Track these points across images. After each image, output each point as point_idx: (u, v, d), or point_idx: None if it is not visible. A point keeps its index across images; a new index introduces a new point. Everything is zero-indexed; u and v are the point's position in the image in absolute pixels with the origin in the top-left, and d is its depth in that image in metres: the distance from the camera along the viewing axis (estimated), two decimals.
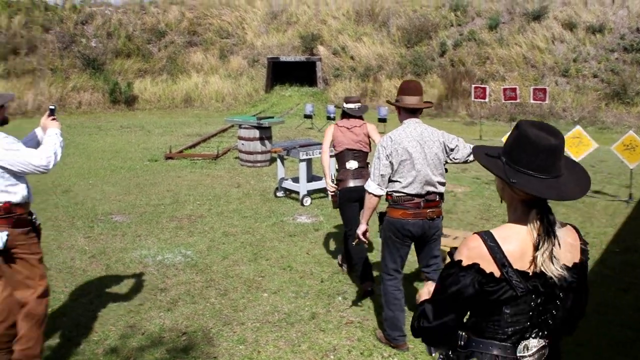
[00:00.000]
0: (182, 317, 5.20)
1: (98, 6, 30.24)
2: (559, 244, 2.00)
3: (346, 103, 6.22)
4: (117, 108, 25.52)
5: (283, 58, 27.81)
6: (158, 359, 4.47)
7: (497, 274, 1.98)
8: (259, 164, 12.31)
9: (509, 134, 2.28)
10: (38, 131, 4.44)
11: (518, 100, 19.10)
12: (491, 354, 2.07)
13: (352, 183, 5.87)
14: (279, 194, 9.81)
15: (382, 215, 4.68)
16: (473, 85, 19.55)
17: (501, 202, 2.20)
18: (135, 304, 5.49)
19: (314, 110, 20.44)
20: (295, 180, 9.61)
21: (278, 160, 9.88)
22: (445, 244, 5.89)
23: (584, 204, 9.26)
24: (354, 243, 5.00)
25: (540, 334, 2.07)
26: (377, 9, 28.75)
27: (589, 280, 2.23)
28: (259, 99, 26.22)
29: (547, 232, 1.99)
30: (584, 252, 2.13)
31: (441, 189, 4.51)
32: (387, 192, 4.50)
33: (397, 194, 4.45)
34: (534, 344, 2.07)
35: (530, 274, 2.00)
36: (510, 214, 2.14)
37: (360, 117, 6.27)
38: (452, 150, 4.60)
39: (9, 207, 3.93)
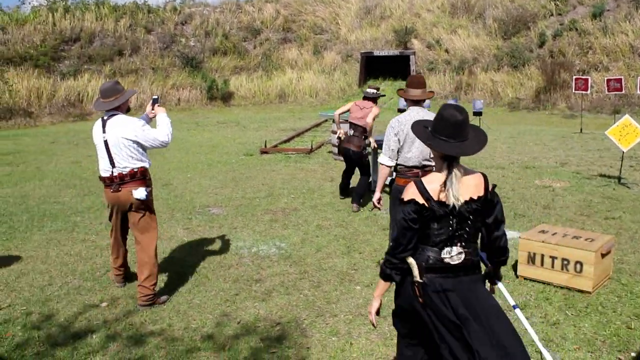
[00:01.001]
0: (276, 308, 5.28)
1: (197, 6, 31.27)
2: (461, 182, 3.08)
3: (367, 88, 8.91)
4: (214, 104, 26.29)
5: (376, 52, 27.71)
6: (252, 347, 4.56)
7: (426, 204, 3.09)
8: None
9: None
10: (146, 115, 5.69)
11: (623, 92, 18.13)
12: (426, 255, 3.18)
13: (344, 144, 8.82)
14: (373, 187, 9.78)
15: (391, 182, 6.02)
16: (574, 77, 18.73)
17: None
18: (231, 293, 5.64)
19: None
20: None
21: (373, 153, 9.85)
22: (545, 240, 5.70)
23: None
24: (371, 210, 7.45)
25: (458, 243, 3.17)
26: (473, 1, 28.08)
27: None
28: (352, 94, 26.26)
29: (449, 172, 3.07)
30: (488, 191, 3.21)
31: (432, 162, 5.17)
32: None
33: (400, 166, 5.51)
34: (454, 250, 3.17)
35: (445, 202, 3.08)
36: (435, 166, 3.25)
37: (373, 101, 8.75)
38: None
39: (144, 170, 5.36)
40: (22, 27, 26.83)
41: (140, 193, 5.27)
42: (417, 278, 3.16)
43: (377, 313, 3.42)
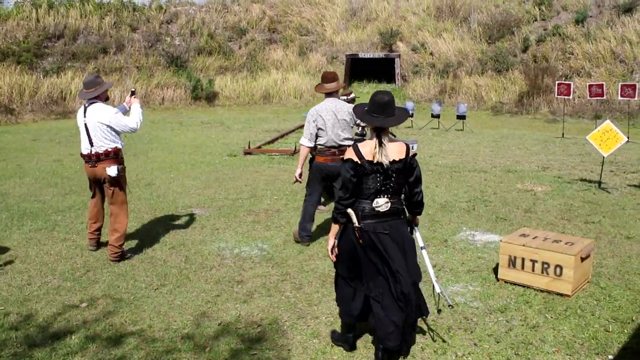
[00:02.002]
0: (258, 309, 5.28)
1: (182, 5, 31.15)
2: (385, 148, 4.04)
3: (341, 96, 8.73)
4: (198, 104, 26.20)
5: (362, 55, 27.77)
6: (233, 349, 4.56)
7: (359, 162, 4.03)
8: None
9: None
10: (124, 105, 6.89)
11: (604, 97, 18.33)
12: (361, 206, 4.13)
13: None
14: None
15: (311, 160, 7.00)
16: (556, 82, 18.90)
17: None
18: (213, 294, 5.62)
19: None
20: None
21: None
22: (525, 244, 5.75)
23: None
24: (292, 183, 7.70)
25: (385, 195, 4.12)
26: (458, 4, 28.25)
27: None
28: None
29: (380, 142, 4.05)
30: (408, 156, 4.13)
31: (348, 143, 6.54)
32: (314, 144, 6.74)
33: (320, 146, 6.73)
34: (382, 200, 4.12)
35: (375, 162, 4.04)
36: (370, 134, 4.17)
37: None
38: None
39: (117, 150, 6.42)
40: (4, 23, 26.54)
41: (112, 170, 6.34)
42: (356, 224, 4.10)
43: (332, 250, 4.31)
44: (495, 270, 6.09)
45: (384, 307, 4.16)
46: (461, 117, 18.71)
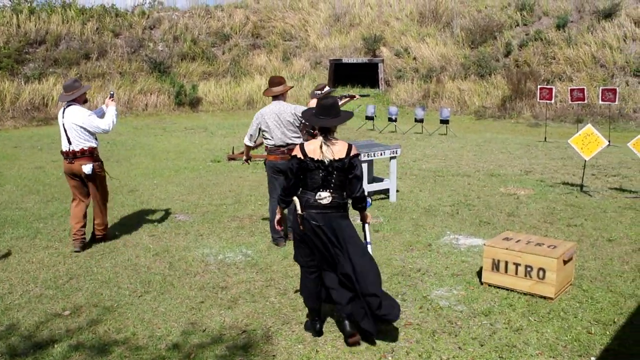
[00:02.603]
0: (242, 315, 5.26)
1: (165, 11, 31.05)
2: (328, 147, 4.51)
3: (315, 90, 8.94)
4: (182, 110, 26.12)
5: (345, 60, 27.84)
6: (218, 356, 4.54)
7: (303, 158, 4.53)
8: None
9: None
10: (103, 107, 7.38)
11: (586, 102, 18.54)
12: (306, 197, 4.60)
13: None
14: None
15: (265, 160, 7.39)
16: (539, 86, 19.07)
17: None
18: (197, 301, 5.60)
19: (375, 112, 20.39)
20: None
21: None
22: (509, 247, 5.79)
23: None
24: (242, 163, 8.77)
25: (327, 189, 4.57)
26: (441, 10, 28.43)
27: None
28: None
29: (325, 141, 4.54)
30: (349, 155, 4.54)
31: (296, 140, 7.08)
32: (265, 144, 7.36)
33: (269, 146, 7.20)
34: (324, 194, 4.56)
35: (317, 159, 4.51)
36: (319, 134, 4.61)
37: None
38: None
39: (92, 149, 7.01)
40: None
41: (87, 168, 6.96)
42: (299, 211, 4.59)
43: (279, 224, 5.06)
44: (479, 273, 6.12)
45: (334, 284, 4.70)
46: (444, 121, 18.83)
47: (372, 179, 9.76)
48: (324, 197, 4.55)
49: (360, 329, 4.63)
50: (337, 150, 4.53)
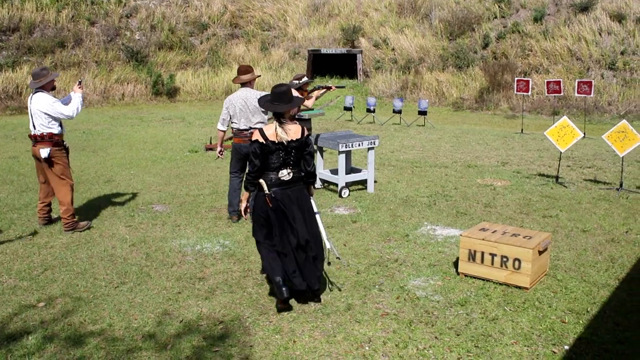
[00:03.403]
0: (220, 306, 5.25)
1: None
2: (284, 129, 5.04)
3: (293, 80, 9.27)
4: (159, 100, 25.88)
5: (324, 50, 27.77)
6: (195, 346, 4.52)
7: (264, 142, 5.00)
8: None
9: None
10: (71, 94, 7.52)
11: (562, 94, 18.73)
12: (270, 176, 5.10)
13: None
14: (318, 185, 9.83)
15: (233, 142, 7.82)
16: (516, 78, 19.21)
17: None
18: (174, 292, 5.57)
19: (353, 103, 20.39)
20: (334, 172, 9.61)
21: (317, 151, 9.89)
22: (484, 237, 5.83)
23: (628, 199, 9.04)
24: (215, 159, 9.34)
25: (287, 167, 5.12)
26: (420, 1, 28.44)
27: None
28: None
29: (280, 124, 5.06)
30: (303, 135, 5.13)
31: (259, 126, 7.42)
32: (231, 127, 7.80)
33: (236, 130, 7.68)
34: (285, 171, 5.12)
35: (276, 141, 5.02)
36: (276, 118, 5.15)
37: (299, 90, 9.15)
38: None
39: (51, 135, 7.23)
40: None
41: (44, 152, 7.19)
42: (266, 191, 5.09)
43: (245, 211, 5.40)
44: (456, 264, 6.17)
45: (287, 257, 5.15)
46: (422, 112, 18.90)
47: (350, 170, 9.77)
48: (286, 174, 5.12)
49: (311, 291, 5.25)
50: (293, 131, 5.09)
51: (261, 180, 5.11)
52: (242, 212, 5.41)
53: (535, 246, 5.57)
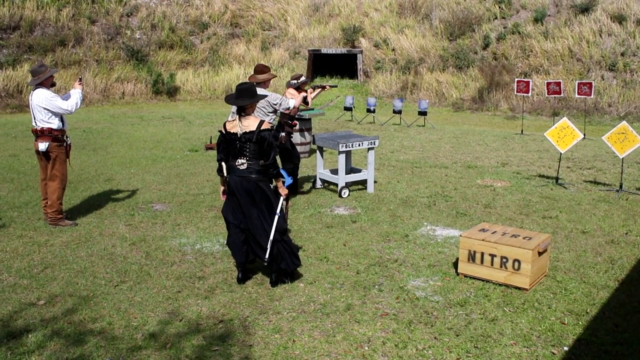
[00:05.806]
0: (219, 305, 5.26)
1: None
2: (242, 122, 5.50)
3: (291, 80, 9.46)
4: (160, 99, 25.88)
5: (324, 50, 27.76)
6: (195, 345, 4.53)
7: (224, 132, 5.58)
8: None
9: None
10: (71, 91, 7.66)
11: (562, 95, 18.74)
12: (230, 163, 5.61)
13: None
14: (318, 185, 9.84)
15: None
16: (516, 79, 19.22)
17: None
18: (174, 291, 5.58)
19: (354, 103, 20.39)
20: (334, 172, 9.61)
21: (317, 151, 9.89)
22: (485, 238, 5.84)
23: (628, 201, 9.05)
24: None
25: (242, 157, 5.54)
26: (420, 1, 28.45)
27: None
28: None
29: (239, 117, 5.53)
30: (259, 129, 5.46)
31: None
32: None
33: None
34: (241, 161, 5.53)
35: (233, 132, 5.51)
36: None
37: (297, 89, 9.36)
38: (275, 104, 8.18)
39: (51, 130, 7.41)
40: None
41: (42, 146, 7.41)
42: (225, 175, 5.65)
43: (224, 193, 5.83)
44: (455, 264, 6.18)
45: (241, 236, 5.74)
46: (422, 113, 18.90)
47: (350, 170, 9.77)
48: (241, 163, 5.54)
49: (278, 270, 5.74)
50: (247, 125, 5.51)
51: (223, 164, 5.66)
52: (221, 194, 5.89)
53: (535, 247, 5.58)
